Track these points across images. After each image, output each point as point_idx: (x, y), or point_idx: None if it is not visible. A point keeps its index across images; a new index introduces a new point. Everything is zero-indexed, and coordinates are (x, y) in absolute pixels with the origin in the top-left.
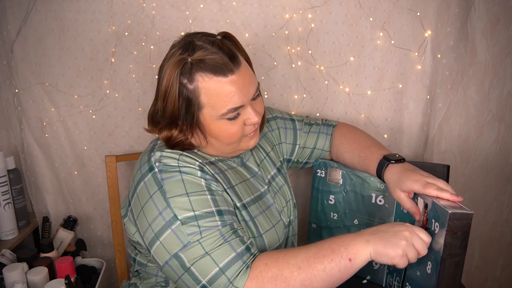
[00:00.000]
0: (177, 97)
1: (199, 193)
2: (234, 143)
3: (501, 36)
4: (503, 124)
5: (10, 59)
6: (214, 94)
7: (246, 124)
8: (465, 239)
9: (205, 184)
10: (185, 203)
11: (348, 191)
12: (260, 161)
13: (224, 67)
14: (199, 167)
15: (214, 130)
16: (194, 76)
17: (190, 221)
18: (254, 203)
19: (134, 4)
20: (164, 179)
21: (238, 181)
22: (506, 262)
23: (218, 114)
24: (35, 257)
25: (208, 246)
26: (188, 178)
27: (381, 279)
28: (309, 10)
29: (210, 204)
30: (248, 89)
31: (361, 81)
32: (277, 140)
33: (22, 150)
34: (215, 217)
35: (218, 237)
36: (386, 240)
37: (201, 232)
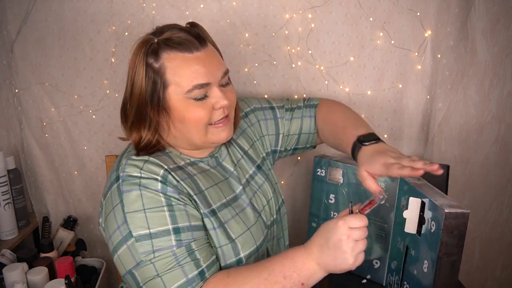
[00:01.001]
0: (144, 77)
1: (157, 209)
2: (201, 131)
3: (501, 36)
4: (503, 124)
5: (10, 59)
6: (179, 71)
7: (215, 108)
8: (461, 238)
9: (165, 199)
10: (141, 219)
11: (348, 190)
12: (237, 161)
13: (189, 43)
14: (163, 176)
15: (180, 112)
16: (160, 54)
17: (144, 239)
18: (226, 206)
19: (134, 4)
20: (124, 191)
21: (208, 185)
22: (506, 262)
23: (183, 92)
24: (35, 257)
25: (160, 268)
26: (147, 193)
27: (381, 278)
28: (309, 10)
29: (167, 221)
30: (215, 69)
31: (361, 81)
32: (258, 134)
33: (22, 150)
34: (171, 236)
35: (171, 259)
36: (333, 257)
37: (154, 251)
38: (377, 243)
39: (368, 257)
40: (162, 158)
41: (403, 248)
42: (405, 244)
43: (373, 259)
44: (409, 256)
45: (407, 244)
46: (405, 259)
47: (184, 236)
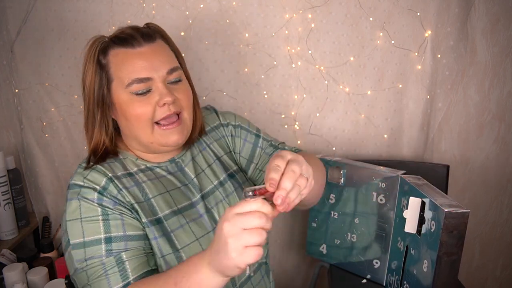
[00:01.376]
0: (93, 74)
1: (92, 219)
2: (146, 128)
3: (501, 36)
4: (503, 124)
5: (10, 59)
6: (121, 66)
7: (158, 104)
8: (461, 238)
9: (101, 209)
10: (78, 228)
11: (348, 190)
12: (203, 168)
13: (132, 39)
14: (103, 187)
15: (123, 108)
16: (108, 51)
17: (78, 247)
18: (176, 214)
19: (134, 4)
20: (68, 200)
21: (157, 193)
22: (506, 262)
23: (124, 85)
24: (35, 257)
25: (90, 276)
26: (84, 203)
27: (381, 278)
28: (309, 10)
29: (100, 230)
30: (159, 64)
31: (361, 81)
32: (232, 147)
33: (22, 150)
34: (101, 245)
35: (99, 268)
36: (217, 252)
37: (86, 260)
38: (377, 243)
39: (368, 257)
40: (113, 165)
41: (403, 248)
42: (405, 244)
43: (373, 259)
44: (409, 256)
45: (407, 244)
46: (405, 259)
47: (115, 245)
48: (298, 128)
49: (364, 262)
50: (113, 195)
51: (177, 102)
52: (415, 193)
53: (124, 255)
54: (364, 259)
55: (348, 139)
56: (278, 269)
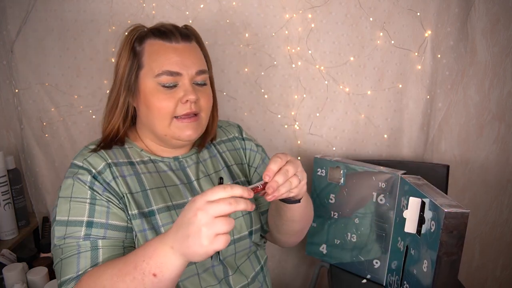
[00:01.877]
0: (126, 59)
1: (80, 200)
2: (165, 120)
3: (501, 36)
4: (503, 124)
5: (10, 59)
6: (155, 55)
7: (182, 101)
8: (461, 238)
9: (90, 192)
10: (65, 206)
11: (348, 190)
12: (210, 173)
13: (171, 34)
14: (99, 171)
15: (147, 97)
16: (144, 40)
17: (61, 224)
18: (169, 210)
19: (134, 4)
20: (65, 177)
21: (155, 186)
22: (506, 262)
23: (153, 75)
24: (35, 257)
25: (64, 254)
26: (77, 183)
27: (381, 278)
28: (309, 10)
29: (85, 213)
30: (190, 63)
31: (361, 81)
32: (247, 160)
33: (22, 150)
34: (82, 228)
35: (74, 249)
36: (187, 237)
37: (65, 238)
38: (377, 243)
39: (368, 257)
40: (116, 152)
41: (403, 248)
42: (405, 244)
43: (373, 259)
44: (409, 256)
45: (407, 244)
46: (405, 259)
47: (94, 231)
48: (298, 128)
49: (364, 262)
50: (106, 181)
51: (198, 102)
52: (415, 193)
53: (100, 242)
54: (364, 259)
55: (348, 139)
56: (278, 269)
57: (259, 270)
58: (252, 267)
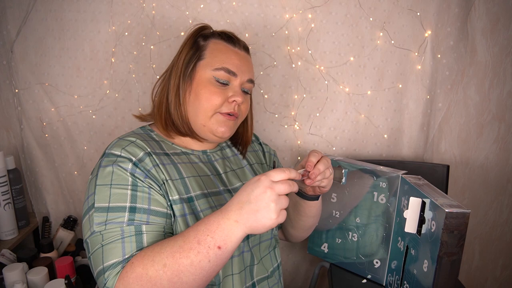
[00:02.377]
0: (188, 50)
1: (122, 187)
2: (208, 112)
3: (501, 36)
4: (503, 124)
5: (10, 59)
6: (217, 52)
7: (229, 100)
8: (461, 238)
9: (132, 179)
10: (105, 193)
11: (350, 190)
12: (234, 168)
13: (235, 39)
14: (140, 159)
15: (199, 86)
16: (209, 39)
17: (101, 211)
18: (206, 197)
19: (134, 4)
20: (101, 166)
21: (191, 174)
22: (506, 262)
23: (212, 67)
24: (35, 257)
25: (105, 239)
26: (117, 170)
27: (381, 278)
28: (309, 10)
29: (127, 199)
30: (245, 69)
31: (361, 81)
32: (269, 163)
33: (22, 150)
34: (125, 213)
35: (117, 234)
36: (256, 212)
37: (106, 224)
38: (377, 243)
39: (369, 256)
40: (151, 143)
41: (403, 248)
42: (405, 244)
43: (375, 259)
44: (409, 256)
45: (407, 244)
46: (405, 259)
47: (138, 216)
48: (298, 128)
49: (365, 262)
50: (147, 168)
51: (240, 107)
52: (415, 193)
53: (144, 228)
54: (364, 259)
55: (348, 139)
56: (282, 265)
57: (277, 267)
58: (271, 262)
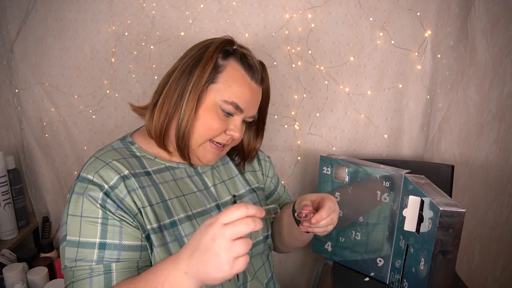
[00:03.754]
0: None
1: (91, 220)
2: (202, 138)
3: (501, 36)
4: (503, 124)
5: (10, 59)
6: (233, 82)
7: (227, 132)
8: (456, 236)
9: (102, 211)
10: (76, 225)
11: (353, 189)
12: (224, 179)
13: (255, 72)
14: (112, 186)
15: (205, 109)
16: (229, 58)
17: (72, 245)
18: (190, 220)
19: (134, 4)
20: (74, 192)
21: (174, 196)
22: (506, 262)
23: (222, 98)
24: (35, 257)
25: (76, 277)
26: (87, 200)
27: (385, 276)
28: (309, 10)
29: (97, 234)
30: (253, 106)
31: (361, 81)
32: (265, 171)
33: (22, 150)
34: (94, 250)
35: (86, 273)
36: (205, 263)
37: (76, 260)
38: (380, 242)
39: (372, 255)
40: (131, 161)
41: (404, 246)
42: (406, 243)
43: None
44: (409, 255)
45: (407, 242)
46: (405, 257)
47: (108, 253)
48: (298, 128)
49: (368, 260)
50: (120, 197)
51: (237, 139)
52: (417, 192)
53: (114, 266)
54: (368, 257)
55: (348, 139)
56: (282, 266)
57: (271, 277)
58: (266, 274)
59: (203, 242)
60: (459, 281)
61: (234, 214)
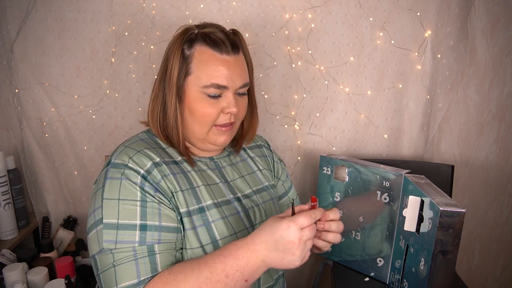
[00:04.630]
0: (177, 62)
1: (131, 202)
2: (205, 127)
3: (501, 36)
4: (503, 124)
5: (10, 59)
6: (204, 65)
7: (224, 111)
8: (456, 236)
9: (141, 194)
10: (114, 208)
11: (353, 189)
12: (244, 174)
13: (223, 45)
14: (147, 170)
15: (192, 103)
16: (194, 44)
17: (111, 228)
18: (217, 207)
19: (134, 4)
20: (108, 178)
21: (201, 183)
22: (506, 262)
23: (201, 85)
24: (35, 257)
25: (118, 260)
26: (126, 183)
27: (385, 276)
28: (309, 10)
29: (137, 216)
30: (237, 76)
31: (361, 81)
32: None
33: (22, 150)
34: (136, 232)
35: (130, 255)
36: (281, 257)
37: (116, 243)
38: (380, 242)
39: (372, 255)
40: (159, 151)
41: (404, 247)
42: (406, 243)
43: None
44: (408, 255)
45: (407, 242)
46: (405, 257)
47: (149, 234)
48: (298, 128)
49: (368, 260)
50: (155, 181)
51: (236, 113)
52: (417, 192)
53: (157, 247)
54: (368, 257)
55: (348, 139)
56: None
57: (281, 275)
58: (276, 270)
59: (282, 243)
60: (459, 281)
61: (308, 220)
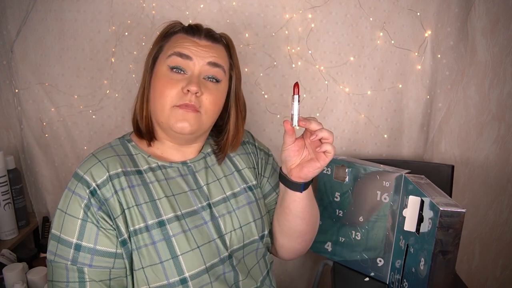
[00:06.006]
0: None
1: (73, 218)
2: (165, 108)
3: (501, 36)
4: (503, 124)
5: (10, 59)
6: (174, 42)
7: (183, 91)
8: (456, 236)
9: (83, 212)
10: (60, 220)
11: (353, 189)
12: (219, 177)
13: (196, 30)
14: (99, 185)
15: (156, 79)
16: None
17: (54, 239)
18: (179, 219)
19: (134, 4)
20: (67, 187)
21: (163, 195)
22: (506, 262)
23: (165, 56)
24: (35, 257)
25: (54, 277)
26: (74, 198)
27: (385, 276)
28: (309, 10)
29: (75, 234)
30: (204, 53)
31: (361, 81)
32: (260, 170)
33: (22, 150)
34: (70, 250)
35: (63, 272)
36: None
37: (56, 255)
38: (380, 241)
39: (372, 255)
40: (124, 159)
41: (404, 246)
42: (406, 243)
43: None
44: (408, 255)
45: (407, 242)
46: (405, 257)
47: (82, 256)
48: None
49: (368, 260)
50: (104, 198)
51: (200, 98)
52: (417, 192)
53: (86, 272)
54: (368, 257)
55: (348, 139)
56: (282, 266)
57: (266, 274)
58: (261, 272)
59: None
60: (459, 281)
61: None
